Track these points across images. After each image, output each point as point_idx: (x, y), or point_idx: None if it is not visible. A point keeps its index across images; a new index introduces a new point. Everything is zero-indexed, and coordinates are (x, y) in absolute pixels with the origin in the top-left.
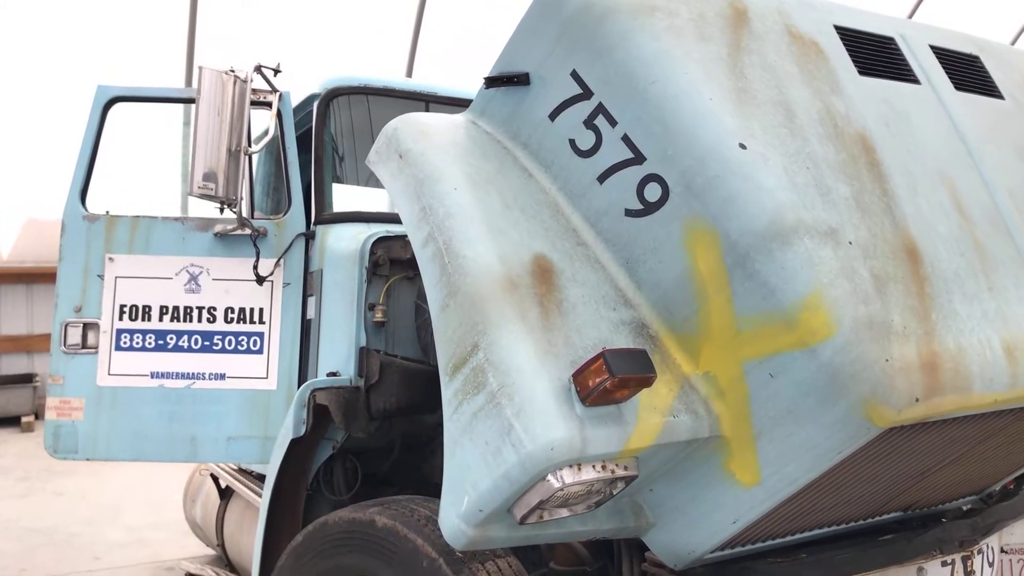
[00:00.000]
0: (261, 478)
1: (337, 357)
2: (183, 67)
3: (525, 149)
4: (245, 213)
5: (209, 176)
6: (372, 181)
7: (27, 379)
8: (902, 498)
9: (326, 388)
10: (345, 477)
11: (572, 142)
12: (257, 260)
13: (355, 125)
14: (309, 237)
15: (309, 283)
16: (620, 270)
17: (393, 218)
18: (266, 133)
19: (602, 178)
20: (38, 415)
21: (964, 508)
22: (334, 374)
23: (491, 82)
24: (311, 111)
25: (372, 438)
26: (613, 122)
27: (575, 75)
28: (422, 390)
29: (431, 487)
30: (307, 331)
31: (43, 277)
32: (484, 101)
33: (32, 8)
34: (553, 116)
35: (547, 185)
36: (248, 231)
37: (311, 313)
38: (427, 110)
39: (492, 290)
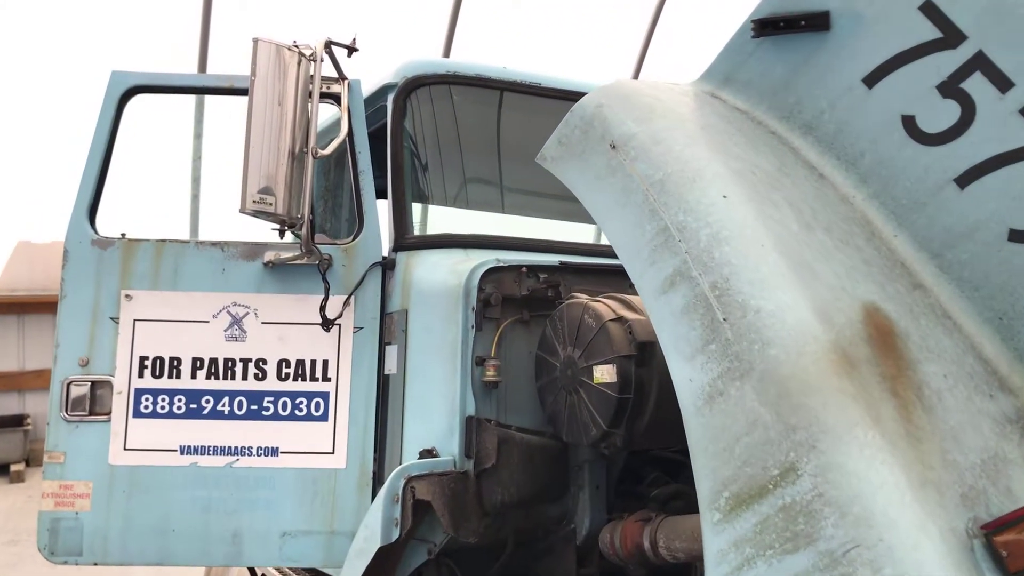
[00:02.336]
0: (312, 571)
1: (433, 428)
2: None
3: (810, 135)
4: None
5: (267, 188)
6: (460, 199)
7: (18, 421)
8: None
9: (426, 476)
10: None
11: (909, 121)
12: (326, 298)
13: (439, 123)
14: (387, 267)
15: (388, 327)
16: (986, 329)
17: (493, 242)
18: (335, 130)
19: (965, 179)
20: (30, 462)
21: None
22: (429, 452)
23: (762, 27)
24: (383, 106)
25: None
26: (1005, 84)
27: (929, 8)
28: (546, 473)
29: None
30: (385, 391)
31: (36, 307)
32: (734, 62)
33: (24, 17)
34: (873, 79)
35: (850, 191)
36: (313, 260)
37: (391, 367)
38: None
39: (818, 370)
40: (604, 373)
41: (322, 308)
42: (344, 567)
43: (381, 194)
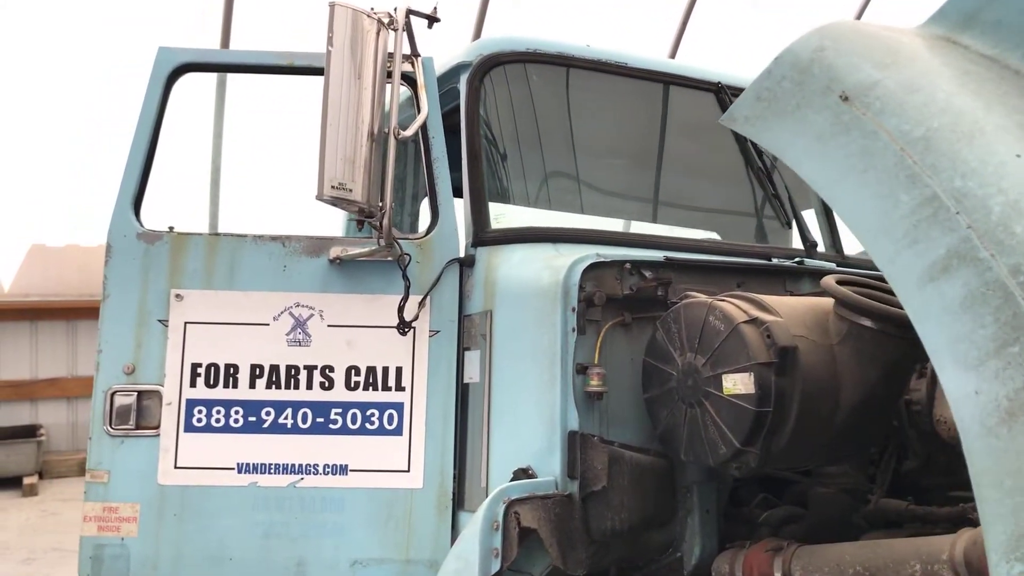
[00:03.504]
0: None
1: (526, 444)
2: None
3: None
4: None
5: (345, 173)
6: (542, 199)
7: (30, 432)
8: None
9: (527, 499)
10: None
11: None
12: (406, 297)
13: (516, 107)
14: (465, 264)
15: (467, 331)
16: None
17: (585, 236)
18: (406, 109)
19: None
20: (43, 474)
21: None
22: (525, 472)
23: None
24: (454, 88)
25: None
26: None
27: None
28: (656, 496)
29: None
30: (465, 402)
31: (49, 313)
32: None
33: (30, 15)
34: None
35: None
36: (392, 255)
37: (472, 374)
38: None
39: None
40: (738, 383)
41: (401, 309)
42: None
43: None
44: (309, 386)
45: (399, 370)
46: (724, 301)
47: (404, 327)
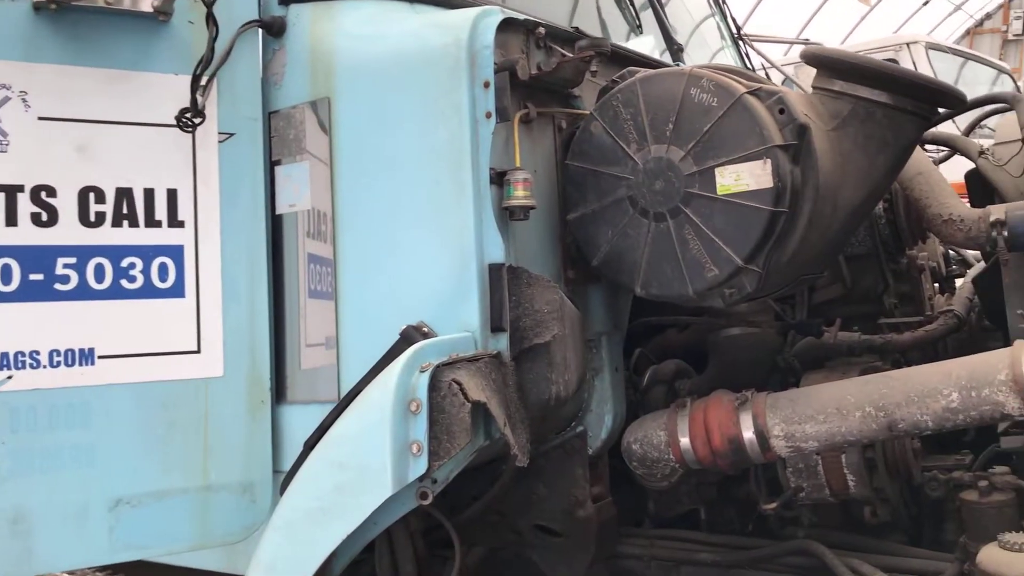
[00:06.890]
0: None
1: (411, 292)
2: None
3: None
4: None
5: None
6: None
7: None
8: None
9: (456, 364)
10: (415, 549)
11: None
12: (207, 61)
13: None
14: (272, 31)
15: (278, 135)
16: None
17: None
18: None
19: None
20: None
21: None
22: (418, 331)
23: None
24: None
25: None
26: None
27: None
28: (583, 352)
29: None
30: (279, 243)
31: None
32: None
33: None
34: None
35: None
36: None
37: (290, 199)
38: None
39: None
40: (742, 176)
41: (195, 81)
42: (275, 539)
43: None
44: (11, 222)
45: (172, 194)
46: (707, 70)
47: (193, 117)
